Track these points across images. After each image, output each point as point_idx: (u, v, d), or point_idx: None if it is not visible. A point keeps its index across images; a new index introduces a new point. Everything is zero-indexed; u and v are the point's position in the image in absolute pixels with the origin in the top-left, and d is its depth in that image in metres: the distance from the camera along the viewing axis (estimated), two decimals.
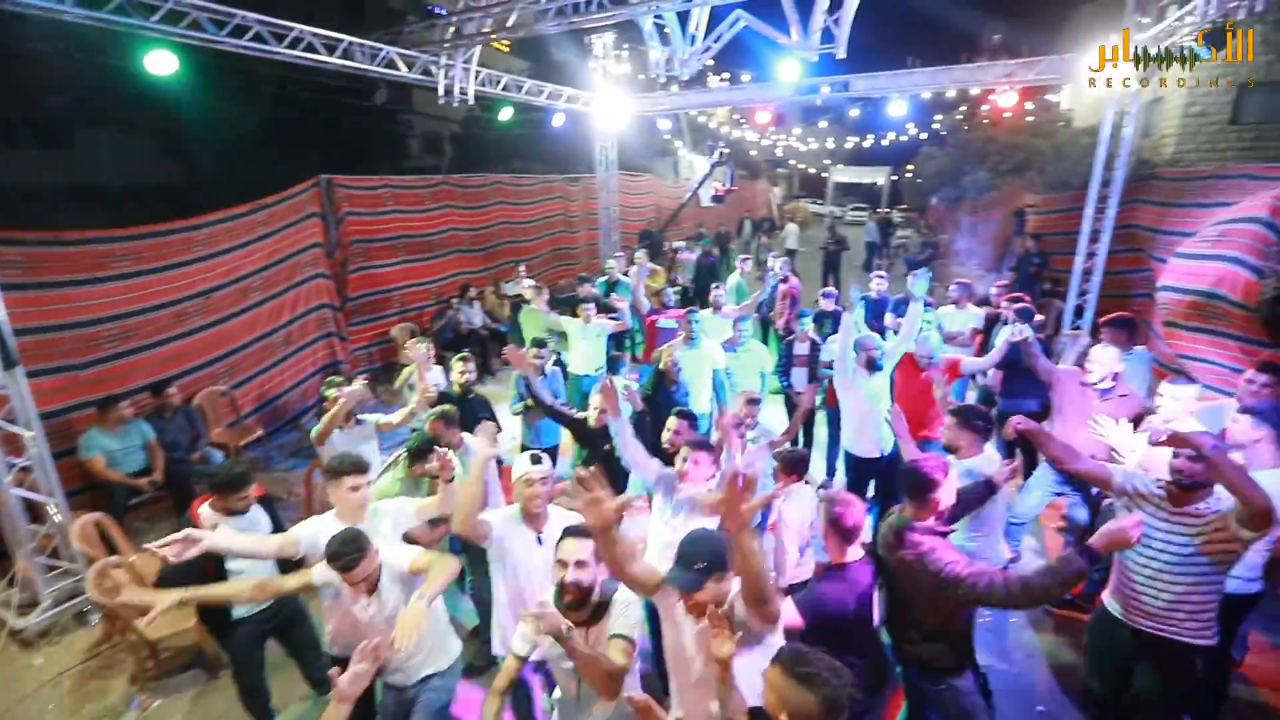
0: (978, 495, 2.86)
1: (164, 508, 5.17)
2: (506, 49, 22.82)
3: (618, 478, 3.71)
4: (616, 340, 6.96)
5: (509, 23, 6.28)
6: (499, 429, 4.87)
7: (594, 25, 6.19)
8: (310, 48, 5.93)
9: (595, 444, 3.71)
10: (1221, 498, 2.36)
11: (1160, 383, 3.50)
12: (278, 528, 3.26)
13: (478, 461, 2.73)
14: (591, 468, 2.01)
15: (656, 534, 3.04)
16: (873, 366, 4.30)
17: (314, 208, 7.38)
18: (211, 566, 2.88)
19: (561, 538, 2.18)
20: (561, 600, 2.13)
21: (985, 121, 19.57)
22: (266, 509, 3.36)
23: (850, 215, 29.86)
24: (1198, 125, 12.97)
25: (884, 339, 4.87)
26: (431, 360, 4.73)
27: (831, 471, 5.37)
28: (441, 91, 7.44)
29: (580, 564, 2.11)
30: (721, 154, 14.54)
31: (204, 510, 3.03)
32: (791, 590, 2.69)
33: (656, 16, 6.28)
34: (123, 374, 5.22)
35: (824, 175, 39.52)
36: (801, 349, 5.54)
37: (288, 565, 2.91)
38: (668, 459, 3.21)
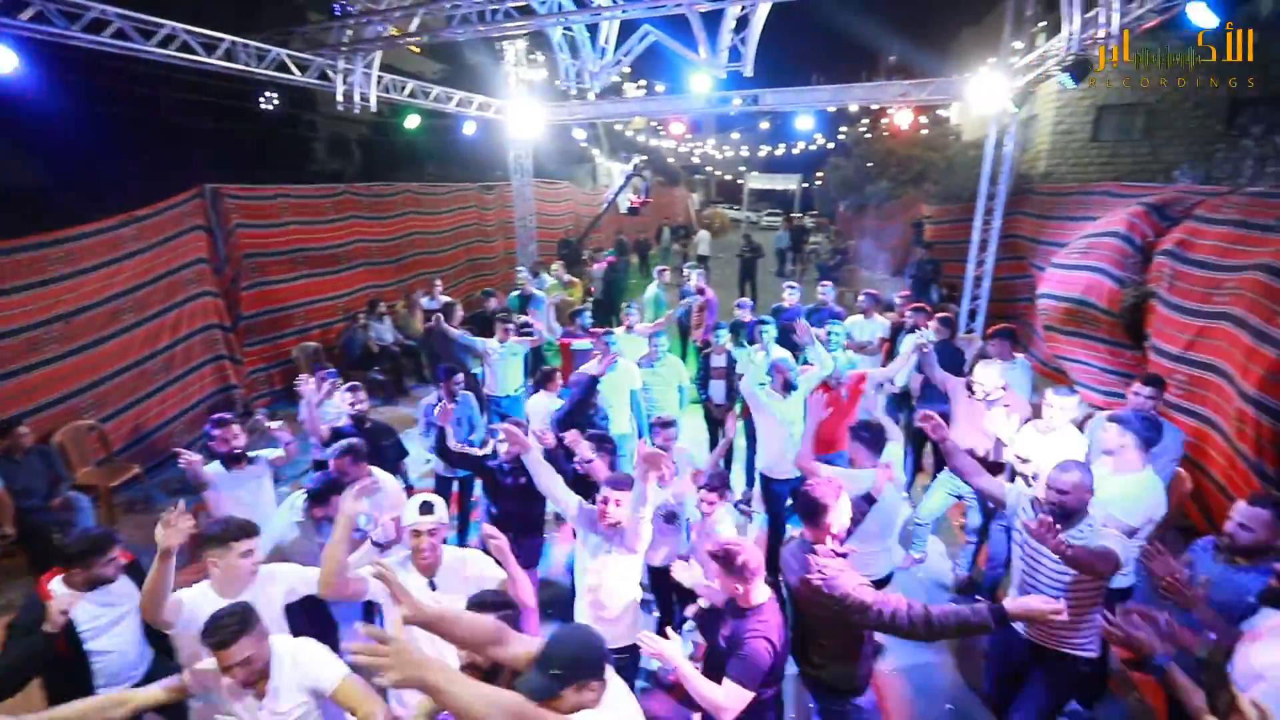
0: (858, 511, 2.91)
1: (17, 564, 4.55)
2: (418, 51, 22.04)
3: (531, 509, 3.58)
4: (535, 357, 6.79)
5: (411, 28, 6.01)
6: (401, 456, 4.63)
7: (502, 34, 6.04)
8: (186, 47, 5.42)
9: (497, 481, 3.56)
10: (1094, 524, 2.56)
11: (1042, 382, 3.80)
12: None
13: (341, 521, 2.42)
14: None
15: (579, 575, 2.95)
16: (788, 388, 4.33)
17: (198, 220, 6.77)
18: (65, 644, 2.53)
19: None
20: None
21: (885, 135, 20.78)
22: (134, 578, 2.95)
23: (765, 220, 30.89)
24: (1065, 142, 14.34)
25: (796, 357, 4.95)
26: (324, 392, 4.41)
27: (751, 482, 5.45)
28: (340, 97, 7.02)
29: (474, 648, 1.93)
30: (637, 166, 14.60)
31: (55, 585, 2.60)
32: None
33: (566, 28, 6.20)
34: None
35: (740, 182, 40.68)
36: (719, 361, 5.58)
37: (159, 635, 2.60)
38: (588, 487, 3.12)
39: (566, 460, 3.52)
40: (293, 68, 6.46)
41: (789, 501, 4.33)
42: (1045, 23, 9.78)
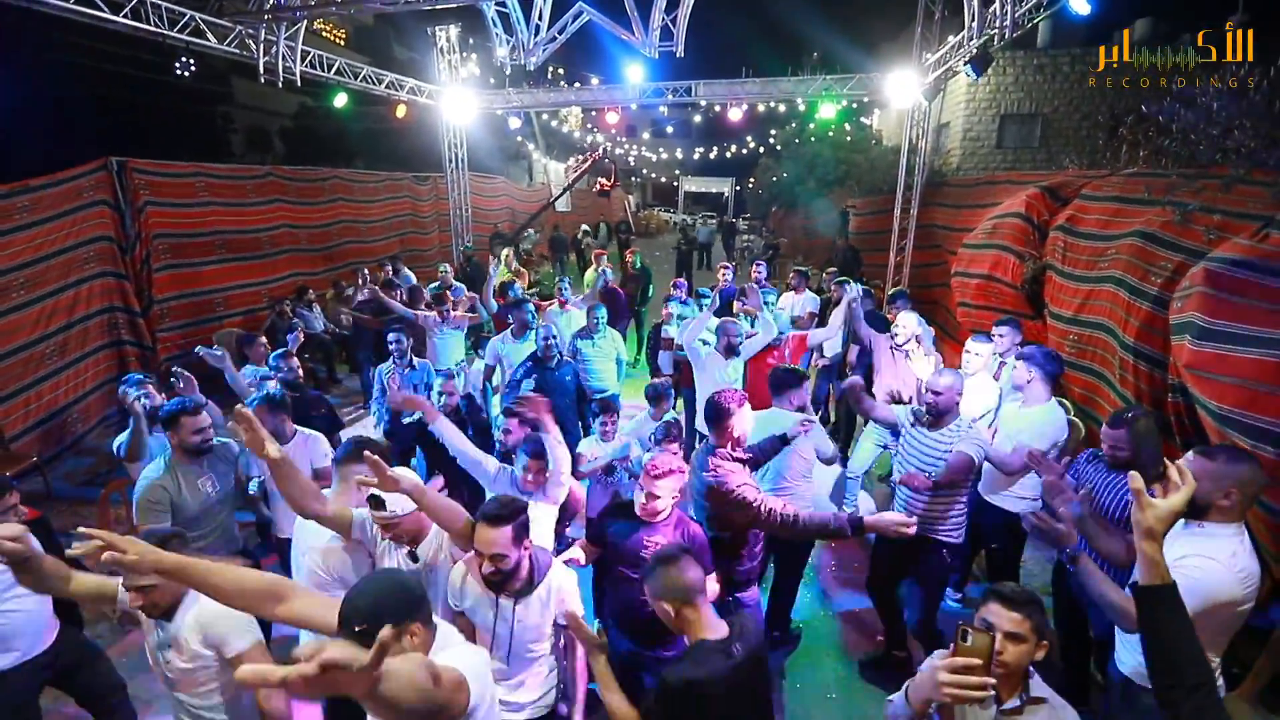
0: (771, 447, 3.13)
1: None
2: (342, 42, 21.33)
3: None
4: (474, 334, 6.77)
5: None
6: (335, 429, 4.51)
7: (432, 8, 5.96)
8: (88, 1, 5.07)
9: (443, 453, 3.51)
10: (962, 425, 3.10)
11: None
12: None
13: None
14: None
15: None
16: (731, 351, 4.52)
17: (102, 194, 6.32)
18: None
19: (477, 524, 2.02)
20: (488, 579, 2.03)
21: (813, 139, 21.69)
22: (44, 538, 2.74)
23: (700, 223, 31.51)
24: (974, 147, 15.50)
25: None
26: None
27: (690, 449, 5.59)
28: (262, 70, 6.73)
29: (495, 557, 1.98)
30: (605, 152, 15.07)
31: None
32: None
33: (499, 4, 6.20)
34: None
35: (675, 185, 41.33)
36: (669, 332, 5.73)
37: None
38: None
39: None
40: (209, 34, 6.15)
41: None
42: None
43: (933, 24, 8.06)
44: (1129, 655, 2.22)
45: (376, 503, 2.18)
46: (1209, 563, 1.89)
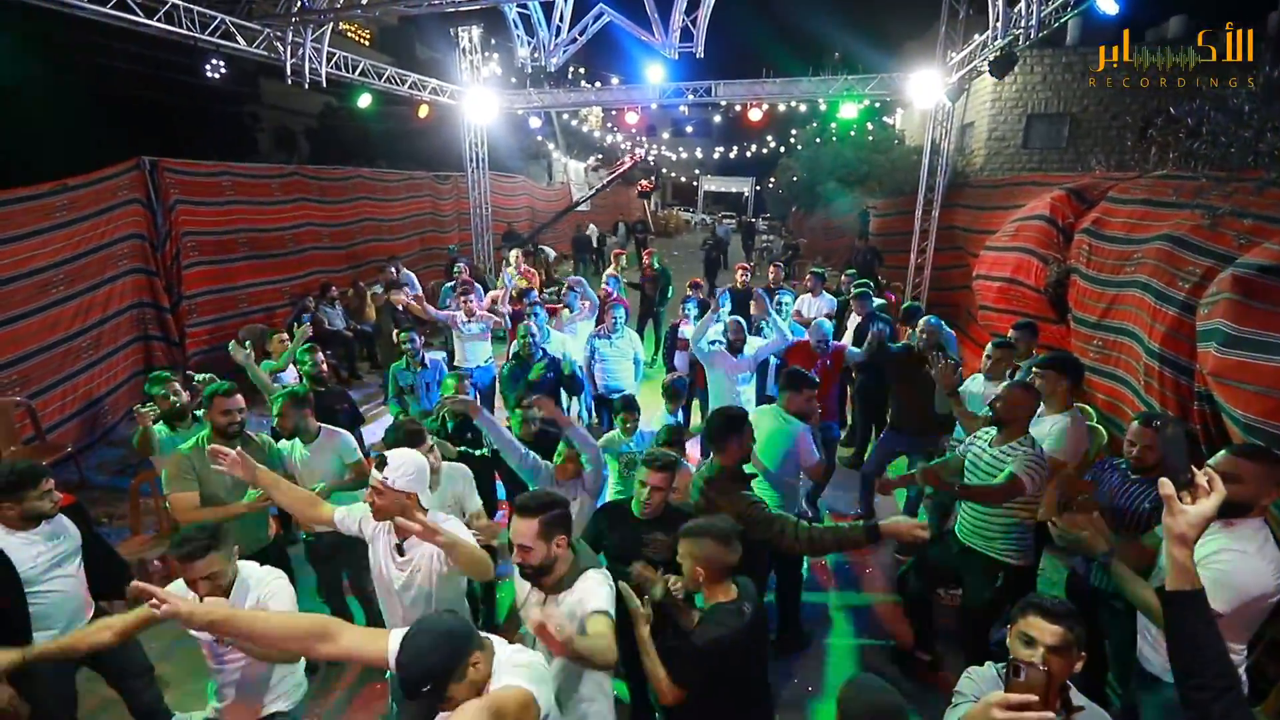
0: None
1: None
2: (367, 42, 21.62)
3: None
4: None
5: (363, 0, 5.95)
6: (356, 424, 4.61)
7: (456, 10, 6.03)
8: (124, 6, 5.22)
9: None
10: (1022, 445, 2.91)
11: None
12: (94, 547, 2.81)
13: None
14: None
15: None
16: (736, 350, 4.60)
17: (135, 193, 6.51)
18: (7, 591, 2.43)
19: (511, 516, 2.06)
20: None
21: (834, 139, 21.51)
22: (79, 522, 2.85)
23: (716, 223, 31.42)
24: (999, 147, 15.22)
25: (752, 330, 5.20)
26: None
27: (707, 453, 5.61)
28: (289, 71, 6.87)
29: (523, 548, 1.99)
30: (646, 154, 15.32)
31: None
32: None
33: (521, 6, 6.26)
34: None
35: (694, 184, 41.25)
36: (685, 333, 5.75)
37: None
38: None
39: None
40: (239, 37, 6.29)
41: None
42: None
43: (957, 23, 7.95)
44: (1159, 656, 2.19)
45: (380, 462, 2.22)
46: (1241, 555, 1.90)
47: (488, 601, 3.69)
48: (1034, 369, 3.49)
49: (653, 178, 13.32)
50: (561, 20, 6.65)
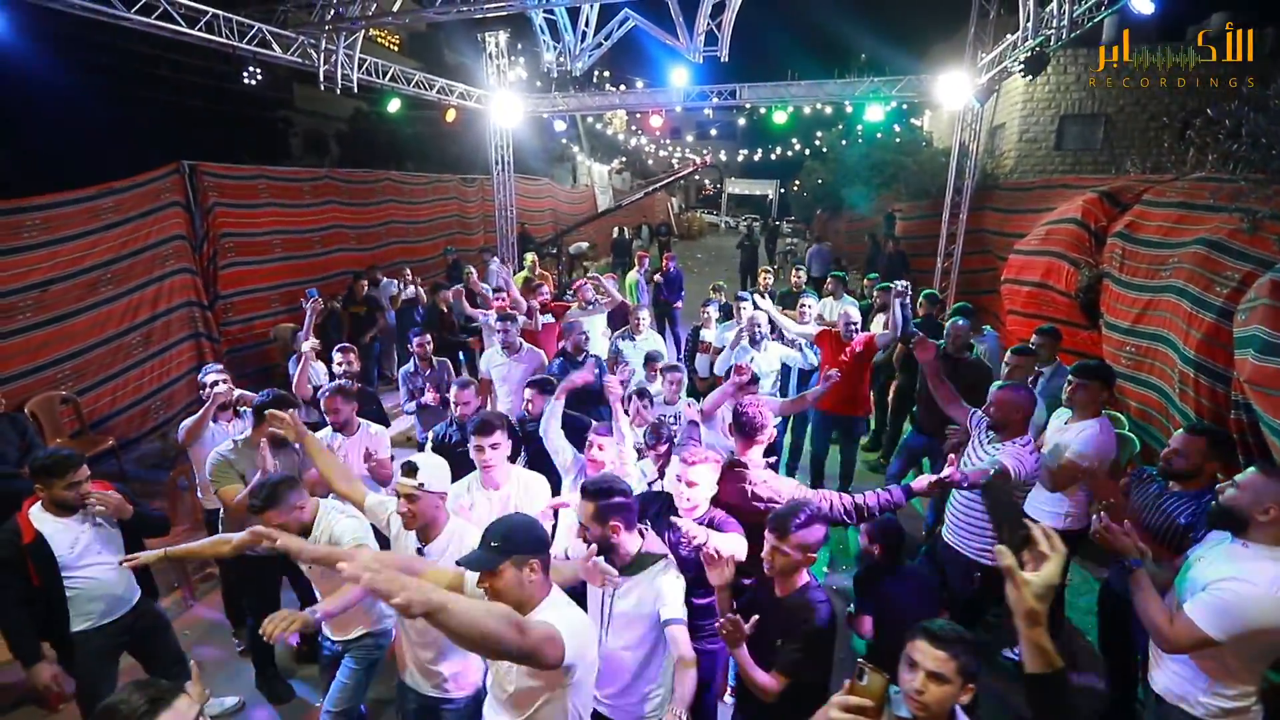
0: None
1: None
2: (396, 48, 22.02)
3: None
4: None
5: (394, 7, 6.09)
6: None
7: (483, 16, 6.14)
8: (167, 16, 5.43)
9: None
10: (1020, 439, 2.99)
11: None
12: (137, 528, 2.92)
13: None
14: None
15: (566, 517, 3.04)
16: (755, 342, 4.68)
17: (176, 196, 6.73)
18: (39, 574, 2.56)
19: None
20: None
21: (859, 141, 21.28)
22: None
23: (743, 226, 31.27)
24: (1030, 149, 14.91)
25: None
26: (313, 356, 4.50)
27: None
28: (322, 77, 7.06)
29: (583, 526, 2.15)
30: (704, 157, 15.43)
31: (34, 511, 2.63)
32: None
33: (548, 12, 6.34)
34: None
35: (718, 187, 41.14)
36: (707, 336, 5.77)
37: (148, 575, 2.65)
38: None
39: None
40: (274, 45, 6.49)
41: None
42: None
43: (987, 24, 7.83)
44: (1160, 674, 2.18)
45: (409, 469, 2.29)
46: (1247, 587, 1.84)
47: None
48: (1072, 378, 3.42)
49: (714, 184, 13.43)
50: (587, 25, 6.72)
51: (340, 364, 4.30)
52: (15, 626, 2.55)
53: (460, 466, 2.92)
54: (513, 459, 3.11)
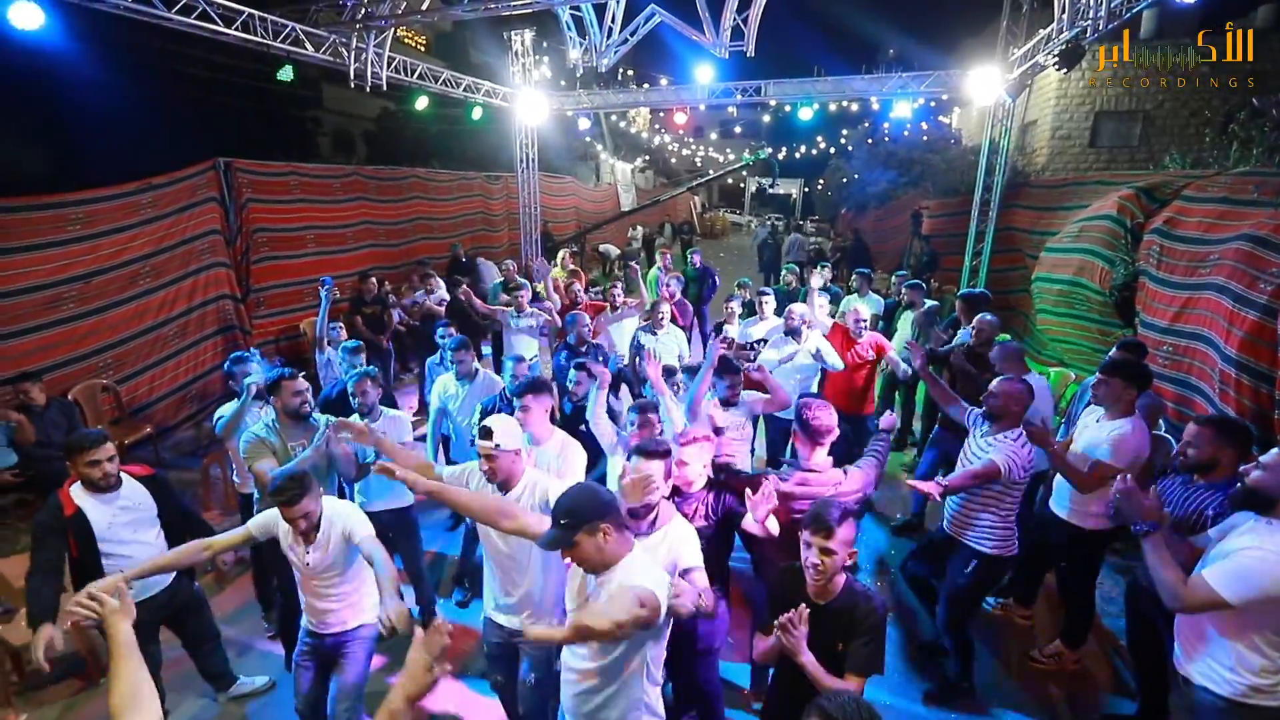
0: None
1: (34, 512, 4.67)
2: (423, 47, 22.30)
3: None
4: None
5: (423, 6, 6.17)
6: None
7: (510, 13, 6.18)
8: (205, 16, 5.58)
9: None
10: (1012, 435, 3.02)
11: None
12: (174, 514, 3.01)
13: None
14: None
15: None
16: (793, 334, 4.62)
17: (211, 192, 6.91)
18: (79, 547, 2.65)
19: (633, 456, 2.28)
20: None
21: (886, 139, 21.01)
22: (160, 493, 2.97)
23: (758, 225, 31.08)
24: (1063, 146, 14.55)
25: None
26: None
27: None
28: (352, 76, 7.19)
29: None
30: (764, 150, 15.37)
31: (75, 489, 2.72)
32: None
33: (574, 8, 6.37)
34: None
35: (741, 186, 40.91)
36: (730, 332, 5.73)
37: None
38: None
39: None
40: (307, 44, 6.62)
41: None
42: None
43: (1020, 17, 7.67)
44: (1186, 658, 2.23)
45: (486, 432, 2.36)
46: (1267, 553, 1.92)
47: None
48: (1099, 373, 3.34)
49: (773, 180, 13.30)
50: (613, 21, 6.74)
51: (354, 364, 4.37)
52: (36, 584, 2.57)
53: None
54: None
